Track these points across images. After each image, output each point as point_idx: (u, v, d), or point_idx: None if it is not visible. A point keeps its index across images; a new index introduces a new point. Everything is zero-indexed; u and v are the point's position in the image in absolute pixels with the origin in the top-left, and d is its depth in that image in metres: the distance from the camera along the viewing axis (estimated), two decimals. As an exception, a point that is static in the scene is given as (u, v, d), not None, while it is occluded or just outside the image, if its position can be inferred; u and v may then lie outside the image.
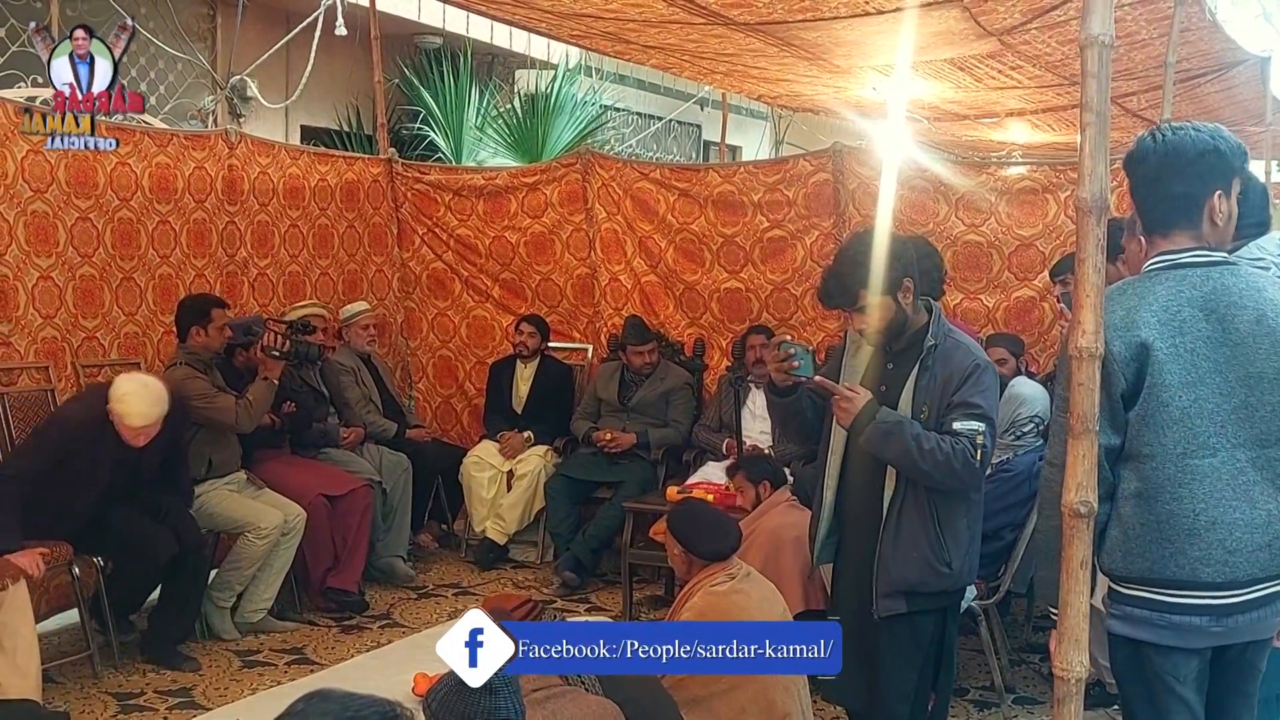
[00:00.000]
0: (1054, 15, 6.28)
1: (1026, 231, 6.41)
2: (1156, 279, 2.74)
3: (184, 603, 5.56)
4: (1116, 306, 2.68)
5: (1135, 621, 2.74)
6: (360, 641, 5.88)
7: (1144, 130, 2.88)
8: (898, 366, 3.70)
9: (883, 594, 3.63)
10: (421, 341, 8.26)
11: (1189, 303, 2.68)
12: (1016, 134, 11.52)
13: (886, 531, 3.63)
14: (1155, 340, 2.65)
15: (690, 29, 6.96)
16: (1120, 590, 2.76)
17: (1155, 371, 2.65)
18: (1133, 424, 2.68)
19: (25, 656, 4.62)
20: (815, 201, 6.83)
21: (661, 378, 7.11)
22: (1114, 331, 2.64)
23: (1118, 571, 2.73)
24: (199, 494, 5.78)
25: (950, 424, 3.51)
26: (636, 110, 14.03)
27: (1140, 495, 2.69)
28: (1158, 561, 2.68)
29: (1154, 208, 2.80)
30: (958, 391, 3.55)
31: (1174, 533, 2.66)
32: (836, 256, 3.78)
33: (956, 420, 3.51)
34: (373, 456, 6.85)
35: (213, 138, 6.67)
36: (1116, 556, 2.72)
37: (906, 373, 3.65)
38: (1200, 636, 2.71)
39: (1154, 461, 2.67)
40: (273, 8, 9.48)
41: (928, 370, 3.60)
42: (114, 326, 6.11)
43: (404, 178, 7.98)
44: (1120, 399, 2.67)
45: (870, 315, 3.60)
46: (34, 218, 5.64)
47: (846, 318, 3.73)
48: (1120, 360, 2.65)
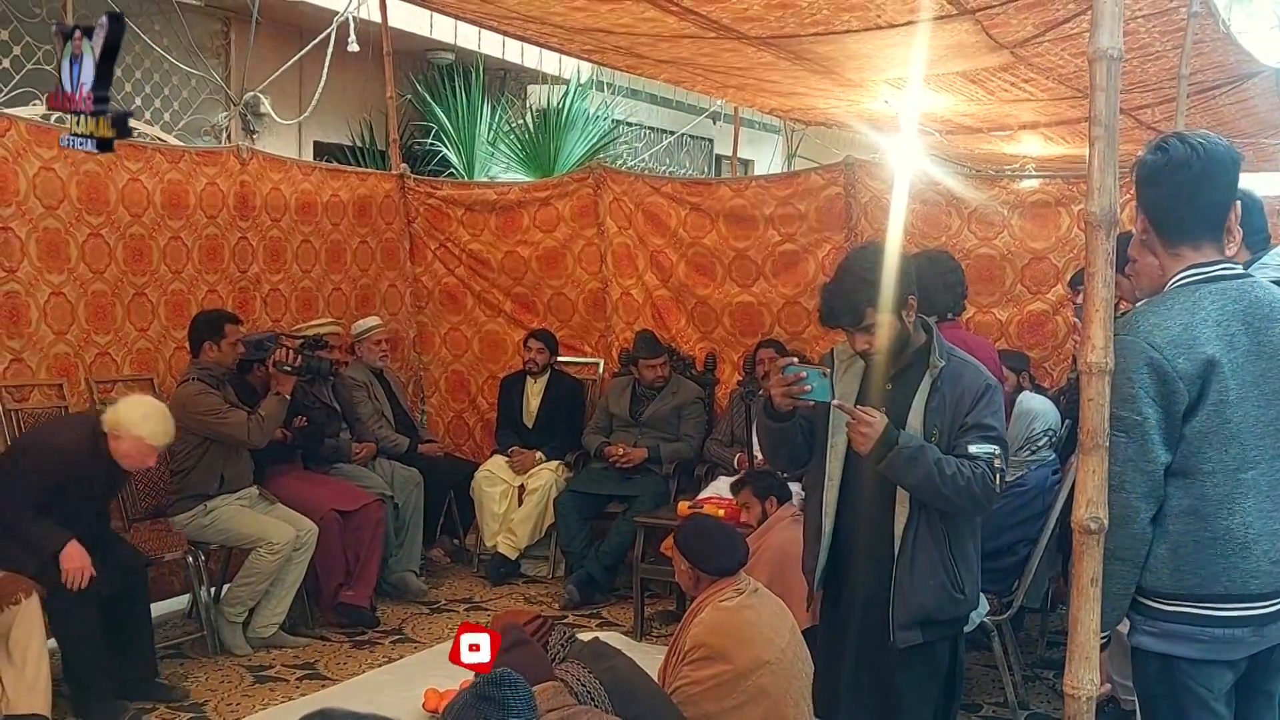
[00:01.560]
0: (1066, 28, 6.27)
1: (1039, 245, 6.39)
2: (1199, 293, 2.69)
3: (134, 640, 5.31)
4: (1168, 321, 2.64)
5: (1173, 637, 2.70)
6: (372, 657, 5.87)
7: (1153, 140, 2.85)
8: (899, 387, 3.55)
9: (901, 625, 3.49)
10: (434, 356, 8.26)
11: (1233, 316, 2.66)
12: (1029, 147, 11.49)
13: (902, 560, 3.48)
14: (1219, 355, 2.62)
15: (702, 43, 6.96)
16: (1157, 606, 2.71)
17: (1220, 388, 2.62)
18: (1191, 440, 2.64)
19: (35, 672, 4.63)
20: (827, 215, 6.82)
21: (673, 392, 7.10)
22: (1175, 348, 2.61)
23: (1163, 589, 2.69)
24: (211, 509, 5.79)
25: (965, 447, 3.41)
26: (648, 125, 14.04)
27: (1194, 512, 2.65)
28: (1209, 577, 2.65)
29: (1187, 218, 2.74)
30: (970, 413, 3.45)
31: (1229, 547, 2.64)
32: (840, 272, 3.56)
33: (972, 443, 3.40)
34: (385, 471, 6.85)
35: (225, 154, 6.69)
36: (1163, 574, 2.68)
37: (910, 394, 3.51)
38: (1239, 648, 2.70)
39: (1213, 478, 2.64)
40: (286, 24, 9.51)
41: (937, 391, 3.48)
42: (126, 342, 6.12)
43: (416, 193, 8.00)
44: (1179, 415, 2.63)
45: (877, 334, 3.45)
46: (46, 234, 5.67)
47: (850, 337, 3.54)
48: (1186, 377, 2.61)
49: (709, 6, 6.00)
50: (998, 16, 6.04)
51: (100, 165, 5.88)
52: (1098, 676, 2.53)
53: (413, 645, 6.02)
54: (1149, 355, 2.61)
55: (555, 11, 6.44)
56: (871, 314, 3.42)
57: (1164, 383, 2.60)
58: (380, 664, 5.73)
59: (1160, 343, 2.61)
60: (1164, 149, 2.72)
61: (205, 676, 5.55)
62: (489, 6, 6.60)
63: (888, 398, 3.53)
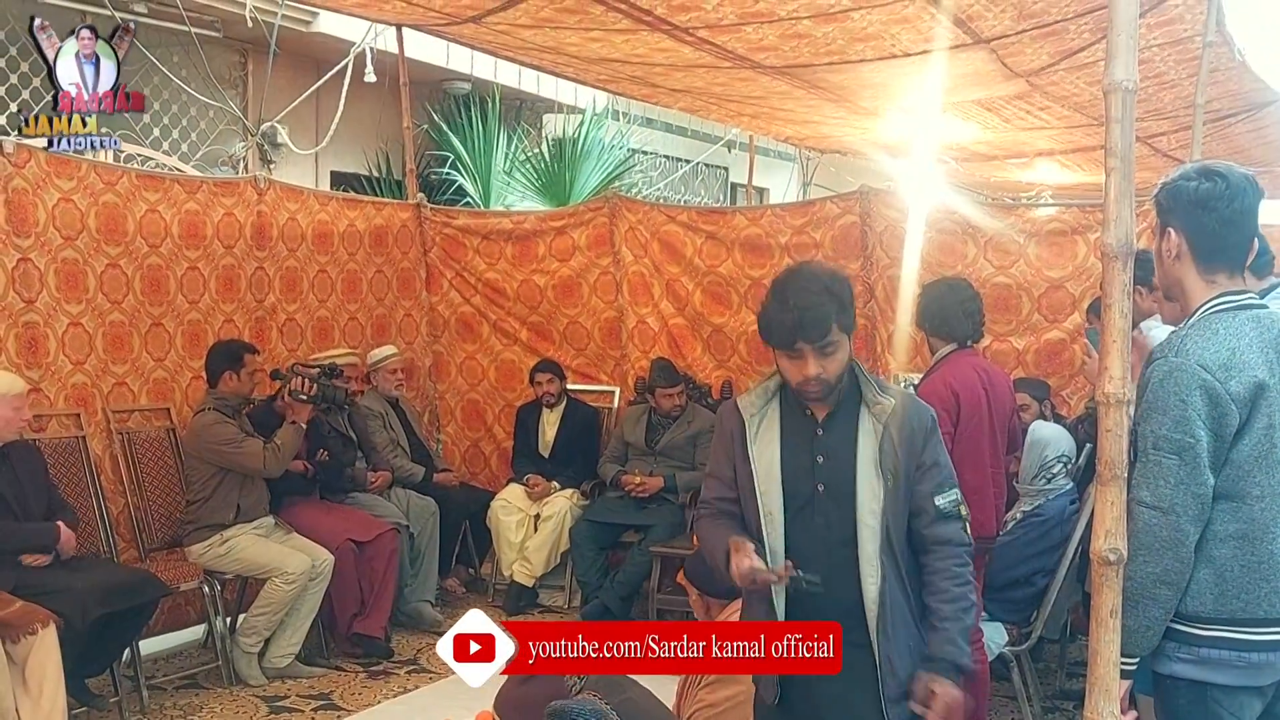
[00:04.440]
0: (1082, 56, 6.28)
1: (1056, 273, 6.37)
2: (1238, 319, 2.70)
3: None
4: (1215, 345, 2.64)
5: (1209, 664, 2.68)
6: (387, 687, 5.85)
7: (1176, 168, 2.85)
8: (831, 433, 3.01)
9: (892, 700, 2.94)
10: (449, 385, 8.27)
11: (1270, 344, 2.68)
12: (1045, 174, 11.51)
13: (881, 631, 2.93)
14: (1269, 379, 2.63)
15: (717, 72, 7.00)
16: (1195, 631, 2.68)
17: (1268, 411, 2.63)
18: (1239, 464, 2.63)
19: (51, 700, 4.62)
20: (843, 244, 6.81)
21: (689, 420, 7.08)
22: (1226, 371, 2.61)
23: (1205, 614, 2.66)
24: (227, 538, 5.79)
25: (930, 499, 2.99)
26: (663, 153, 14.07)
27: (1243, 537, 2.64)
28: (1253, 601, 2.64)
29: (1231, 245, 2.75)
30: (924, 451, 3.00)
31: (1272, 571, 2.64)
32: (795, 281, 2.95)
33: (936, 494, 2.99)
34: (400, 501, 6.84)
35: (242, 184, 6.72)
36: (1207, 600, 2.66)
37: (849, 439, 2.99)
38: (1271, 673, 2.68)
39: (1262, 502, 2.64)
40: (303, 55, 9.57)
41: (885, 434, 2.97)
42: (143, 372, 6.14)
43: (433, 222, 8.02)
44: (1228, 439, 2.63)
45: (834, 359, 2.92)
46: (64, 264, 5.70)
47: (796, 363, 2.93)
48: (1238, 400, 2.60)
49: (724, 36, 6.04)
50: (1013, 46, 6.06)
51: (119, 196, 5.93)
52: (1118, 708, 2.50)
53: (428, 676, 6.00)
54: (1201, 378, 2.60)
55: (571, 42, 6.49)
56: (836, 331, 2.89)
57: (1215, 405, 2.59)
58: (395, 695, 5.72)
59: (1212, 365, 2.61)
60: (1222, 176, 2.72)
61: (220, 707, 5.54)
62: (505, 37, 6.65)
63: (820, 446, 2.99)
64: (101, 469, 5.83)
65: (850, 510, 2.96)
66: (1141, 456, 2.67)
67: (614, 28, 5.99)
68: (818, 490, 2.98)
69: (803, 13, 5.56)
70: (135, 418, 6.08)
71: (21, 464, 5.09)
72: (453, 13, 6.22)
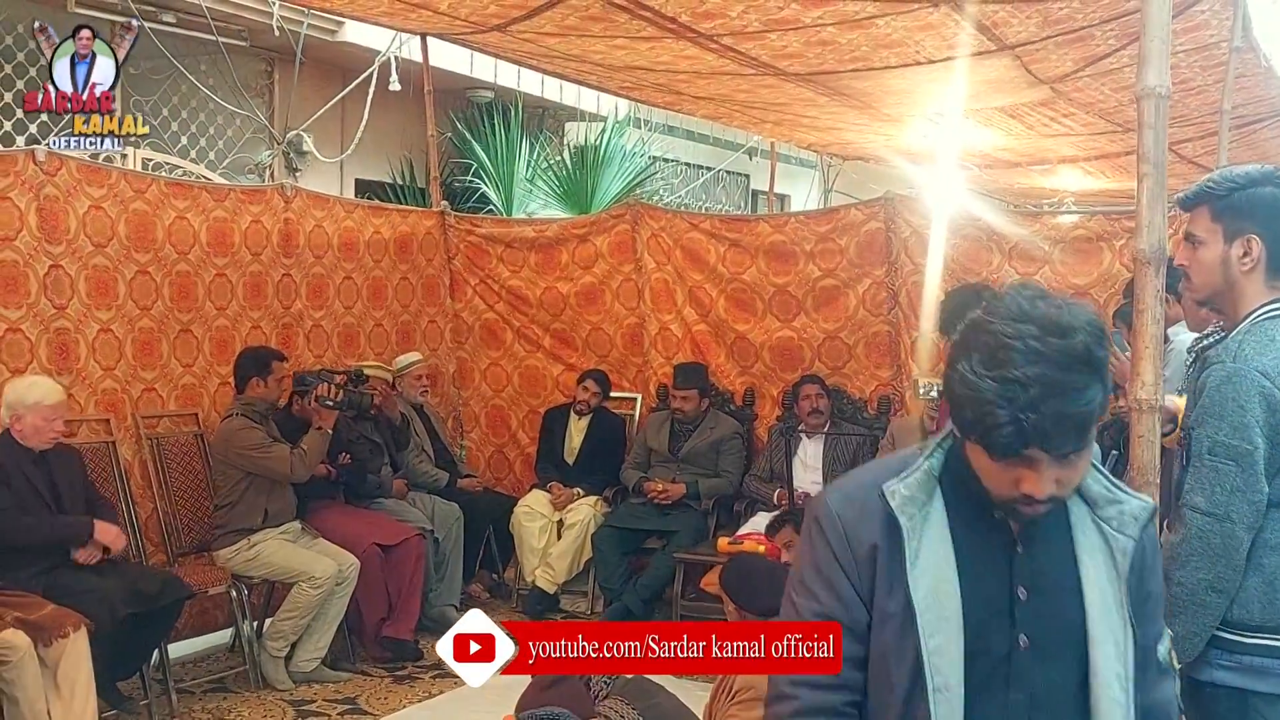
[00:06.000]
0: (1106, 63, 6.27)
1: (1081, 280, 6.35)
2: None
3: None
4: (1272, 352, 2.61)
5: (1253, 672, 2.65)
6: (413, 692, 5.87)
7: (1216, 172, 2.80)
8: (1037, 549, 1.93)
9: None
10: (474, 391, 8.29)
11: None
12: (1069, 181, 11.47)
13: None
14: None
15: (740, 79, 7.02)
16: (1239, 639, 2.66)
17: None
18: None
19: (83, 703, 4.66)
20: (868, 250, 6.81)
21: (711, 427, 7.09)
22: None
23: (1252, 621, 2.64)
24: (255, 543, 5.83)
25: (1154, 649, 2.07)
26: (685, 161, 14.09)
27: None
28: None
29: None
30: (1153, 576, 2.05)
31: None
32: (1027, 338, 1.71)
33: (1159, 640, 2.08)
34: (425, 506, 6.87)
35: (269, 192, 6.77)
36: (1253, 607, 2.64)
37: (1067, 557, 1.93)
38: None
39: None
40: (328, 64, 9.63)
41: (1110, 553, 1.94)
42: (171, 378, 6.18)
43: (457, 230, 8.05)
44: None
45: (1081, 464, 1.84)
46: (95, 271, 5.74)
47: (1010, 475, 1.79)
48: None
49: (749, 44, 6.06)
50: (1038, 52, 6.06)
51: (148, 204, 5.98)
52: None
53: (453, 680, 6.01)
54: (1261, 385, 2.58)
55: (596, 50, 6.52)
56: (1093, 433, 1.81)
57: (1274, 413, 2.57)
58: (421, 699, 5.74)
59: (1272, 372, 2.59)
60: None
61: (248, 711, 5.56)
62: (530, 45, 6.68)
63: (1023, 572, 1.90)
64: (131, 474, 5.87)
65: (1073, 676, 1.90)
66: (1196, 461, 2.64)
67: (638, 35, 6.02)
68: (1018, 645, 1.88)
69: (828, 20, 5.57)
70: (164, 423, 6.12)
71: (59, 465, 5.13)
72: (478, 21, 6.25)
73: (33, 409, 4.96)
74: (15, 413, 4.96)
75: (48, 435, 5.02)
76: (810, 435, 6.78)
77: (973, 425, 1.75)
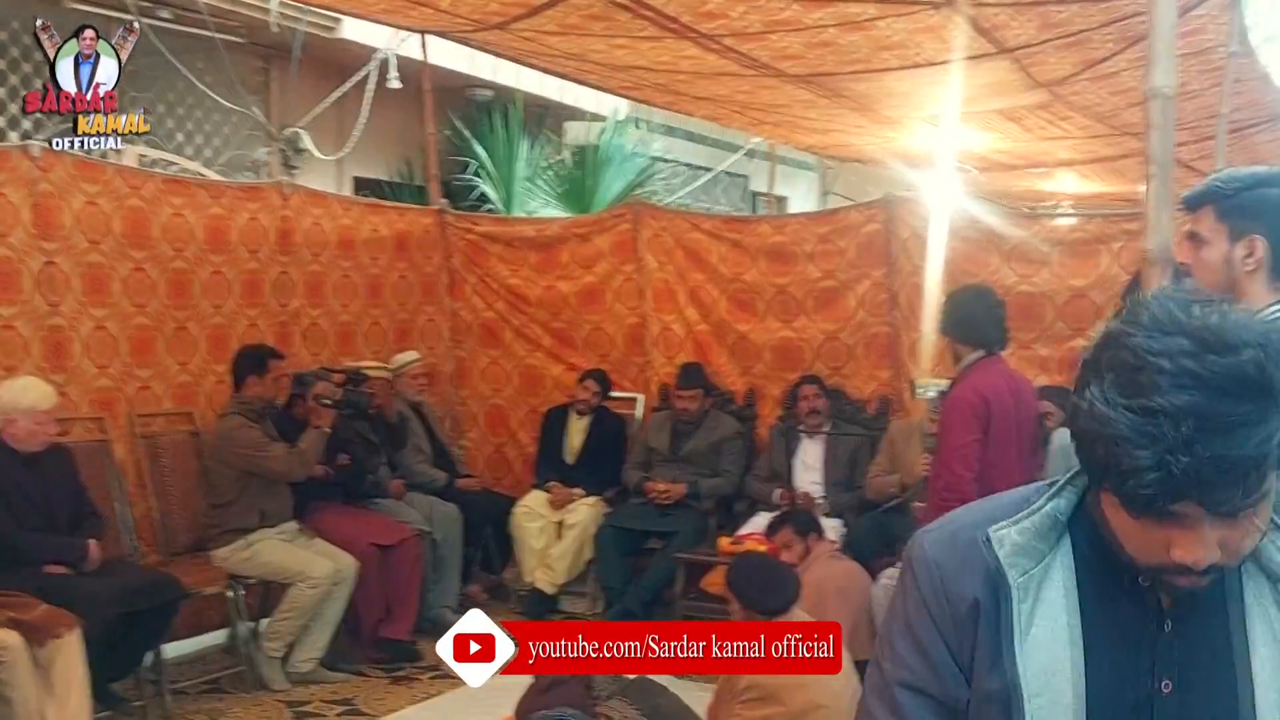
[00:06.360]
0: (1104, 66, 6.27)
1: (1079, 282, 6.35)
2: None
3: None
4: None
5: None
6: (410, 692, 5.86)
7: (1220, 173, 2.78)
8: (1189, 629, 1.50)
9: None
10: (472, 390, 8.27)
11: None
12: (1066, 184, 11.49)
13: None
14: None
15: (741, 80, 7.01)
16: None
17: None
18: None
19: (77, 704, 4.64)
20: (867, 252, 6.82)
21: (712, 427, 7.08)
22: None
23: None
24: (252, 543, 5.80)
25: None
26: (684, 161, 14.07)
27: None
28: None
29: None
30: None
31: None
32: (1185, 357, 1.27)
33: None
34: (423, 506, 6.84)
35: (266, 189, 6.75)
36: None
37: (1222, 639, 1.45)
38: None
39: None
40: (326, 61, 9.59)
41: None
42: (167, 376, 6.16)
43: (455, 228, 8.04)
44: None
45: (1254, 522, 1.35)
46: (90, 268, 5.72)
47: (1158, 537, 1.33)
48: None
49: (750, 44, 6.05)
50: (1036, 55, 6.06)
51: (144, 200, 5.96)
52: None
53: (450, 682, 5.98)
54: None
55: (596, 49, 6.50)
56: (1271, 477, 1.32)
57: None
58: (419, 700, 5.72)
59: None
60: None
61: (244, 712, 5.54)
62: (530, 44, 6.66)
63: (1166, 656, 1.44)
64: (125, 473, 5.84)
65: None
66: None
67: (640, 35, 6.01)
68: None
69: (829, 21, 5.56)
70: (159, 422, 6.09)
71: (53, 469, 5.10)
72: (479, 19, 6.23)
73: (26, 413, 4.94)
74: (8, 416, 4.93)
75: (40, 438, 5.00)
76: (810, 435, 6.77)
77: (1105, 471, 1.32)
